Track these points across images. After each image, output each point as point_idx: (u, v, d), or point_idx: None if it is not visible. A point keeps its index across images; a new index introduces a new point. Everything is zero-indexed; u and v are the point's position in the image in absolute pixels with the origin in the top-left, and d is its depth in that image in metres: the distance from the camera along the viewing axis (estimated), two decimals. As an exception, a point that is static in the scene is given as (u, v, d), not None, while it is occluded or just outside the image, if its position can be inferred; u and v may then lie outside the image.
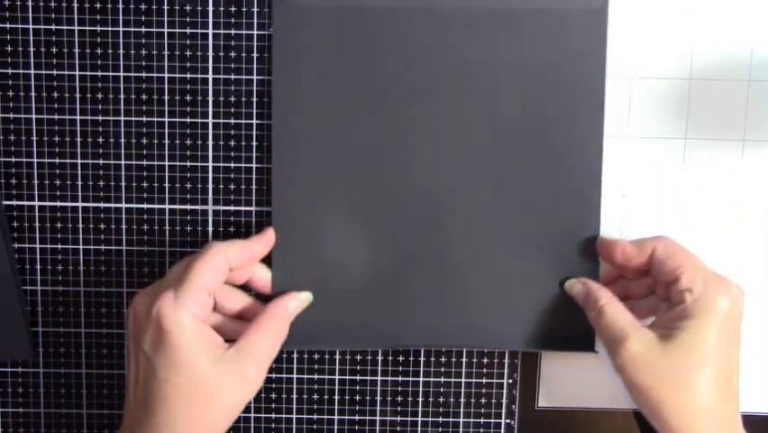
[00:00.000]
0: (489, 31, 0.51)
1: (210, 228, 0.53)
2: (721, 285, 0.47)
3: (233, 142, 0.53)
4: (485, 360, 0.55)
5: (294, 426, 0.55)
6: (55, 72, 0.52)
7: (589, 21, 0.51)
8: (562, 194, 0.52)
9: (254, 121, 0.52)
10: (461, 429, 0.55)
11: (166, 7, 0.51)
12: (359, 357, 0.54)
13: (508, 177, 0.52)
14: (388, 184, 0.52)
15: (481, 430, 0.55)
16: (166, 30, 0.52)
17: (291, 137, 0.52)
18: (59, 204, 0.53)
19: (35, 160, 0.53)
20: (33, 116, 0.52)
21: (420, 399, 0.55)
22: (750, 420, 0.55)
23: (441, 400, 0.55)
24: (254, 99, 0.52)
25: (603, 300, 0.49)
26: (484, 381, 0.55)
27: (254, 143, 0.53)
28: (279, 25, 0.51)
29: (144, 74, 0.52)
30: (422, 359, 0.55)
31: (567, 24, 0.50)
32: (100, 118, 0.52)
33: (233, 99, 0.52)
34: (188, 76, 0.52)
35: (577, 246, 0.52)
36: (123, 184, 0.53)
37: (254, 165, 0.53)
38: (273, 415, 0.55)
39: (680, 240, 0.54)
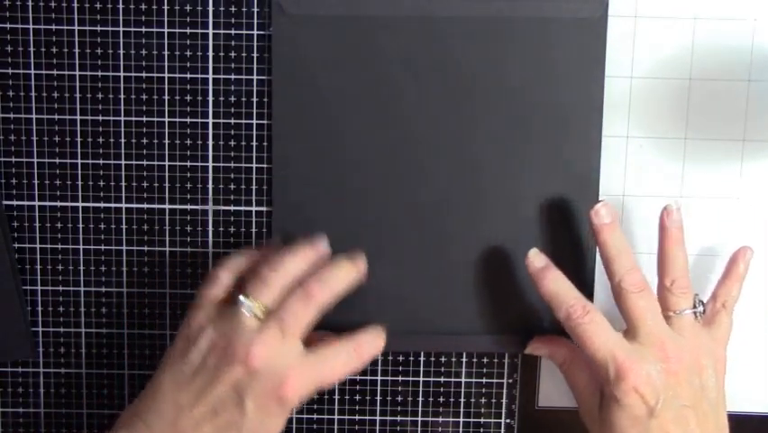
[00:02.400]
0: (489, 38, 0.51)
1: (210, 228, 0.53)
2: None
3: (233, 142, 0.53)
4: (485, 360, 0.55)
5: (294, 426, 0.55)
6: (55, 72, 0.52)
7: (589, 30, 0.51)
8: (559, 195, 0.52)
9: (254, 121, 0.52)
10: (461, 429, 0.55)
11: (166, 7, 0.51)
12: (359, 357, 0.54)
13: (508, 179, 0.52)
14: (388, 186, 0.52)
15: (481, 430, 0.55)
16: (166, 30, 0.52)
17: (291, 141, 0.52)
18: (59, 204, 0.53)
19: (35, 160, 0.53)
20: (33, 116, 0.52)
21: (420, 399, 0.55)
22: (750, 420, 0.55)
23: (441, 400, 0.55)
24: (254, 99, 0.52)
25: None
26: (484, 381, 0.55)
27: (254, 143, 0.53)
28: (279, 33, 0.51)
29: (144, 74, 0.52)
30: (422, 359, 0.55)
31: (567, 33, 0.51)
32: (100, 118, 0.52)
33: (233, 99, 0.52)
34: (188, 76, 0.52)
35: (574, 250, 0.52)
36: (123, 184, 0.53)
37: (254, 165, 0.53)
38: (273, 415, 0.55)
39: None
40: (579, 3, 0.50)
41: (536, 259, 0.50)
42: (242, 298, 0.47)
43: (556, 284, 0.49)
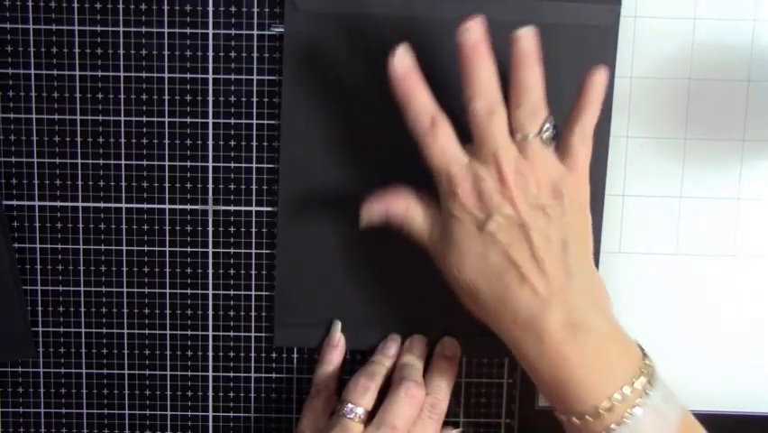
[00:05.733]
0: (500, 42, 0.51)
1: (210, 228, 0.53)
2: None
3: (233, 142, 0.53)
4: (485, 360, 0.55)
5: (294, 425, 0.55)
6: (55, 72, 0.52)
7: (600, 37, 0.51)
8: None
9: (254, 121, 0.52)
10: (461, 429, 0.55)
11: (166, 7, 0.51)
12: (359, 357, 0.54)
13: None
14: (396, 184, 0.52)
15: (481, 430, 0.55)
16: (166, 30, 0.52)
17: (299, 139, 0.52)
18: (59, 204, 0.53)
19: (35, 160, 0.53)
20: (33, 116, 0.52)
21: (420, 399, 0.55)
22: (750, 420, 0.55)
23: (441, 400, 0.55)
24: (254, 99, 0.52)
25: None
26: (484, 381, 0.55)
27: (254, 143, 0.53)
28: (291, 29, 0.51)
29: (144, 74, 0.52)
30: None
31: (579, 40, 0.50)
32: (100, 118, 0.52)
33: (233, 99, 0.52)
34: (188, 76, 0.52)
35: None
36: (123, 184, 0.53)
37: (254, 165, 0.53)
38: (273, 415, 0.55)
39: (680, 239, 0.54)
40: (591, 10, 0.50)
41: (402, 60, 0.46)
42: (348, 404, 0.49)
43: (411, 93, 0.46)
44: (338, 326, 0.53)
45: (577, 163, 0.46)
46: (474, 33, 0.45)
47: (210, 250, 0.54)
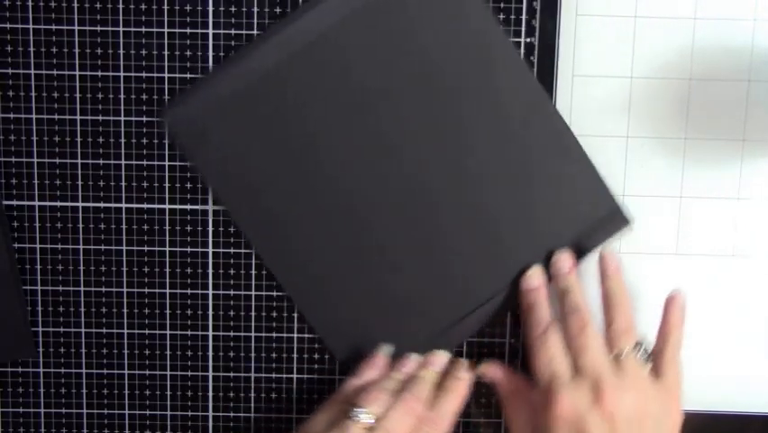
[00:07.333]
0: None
1: (210, 228, 0.53)
2: None
3: (233, 142, 0.53)
4: (484, 360, 0.54)
5: (295, 426, 0.55)
6: (55, 72, 0.52)
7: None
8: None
9: (254, 121, 0.52)
10: (460, 429, 0.55)
11: (166, 7, 0.51)
12: (359, 357, 0.55)
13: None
14: (380, 191, 0.52)
15: (481, 430, 0.55)
16: (166, 30, 0.52)
17: (254, 217, 0.52)
18: (59, 204, 0.53)
19: (35, 160, 0.53)
20: (33, 116, 0.52)
21: (420, 399, 0.55)
22: (750, 420, 0.55)
23: (441, 400, 0.55)
24: (254, 99, 0.52)
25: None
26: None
27: (254, 143, 0.53)
28: (176, 127, 0.51)
29: (144, 74, 0.52)
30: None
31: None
32: (100, 118, 0.52)
33: (233, 99, 0.52)
34: (188, 76, 0.52)
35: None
36: (123, 184, 0.53)
37: (254, 165, 0.53)
38: (273, 415, 0.55)
39: (680, 239, 0.54)
40: None
41: (535, 277, 0.52)
42: (355, 409, 0.48)
43: (535, 304, 0.51)
44: (387, 351, 0.53)
45: (672, 386, 0.49)
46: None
47: (210, 250, 0.54)
